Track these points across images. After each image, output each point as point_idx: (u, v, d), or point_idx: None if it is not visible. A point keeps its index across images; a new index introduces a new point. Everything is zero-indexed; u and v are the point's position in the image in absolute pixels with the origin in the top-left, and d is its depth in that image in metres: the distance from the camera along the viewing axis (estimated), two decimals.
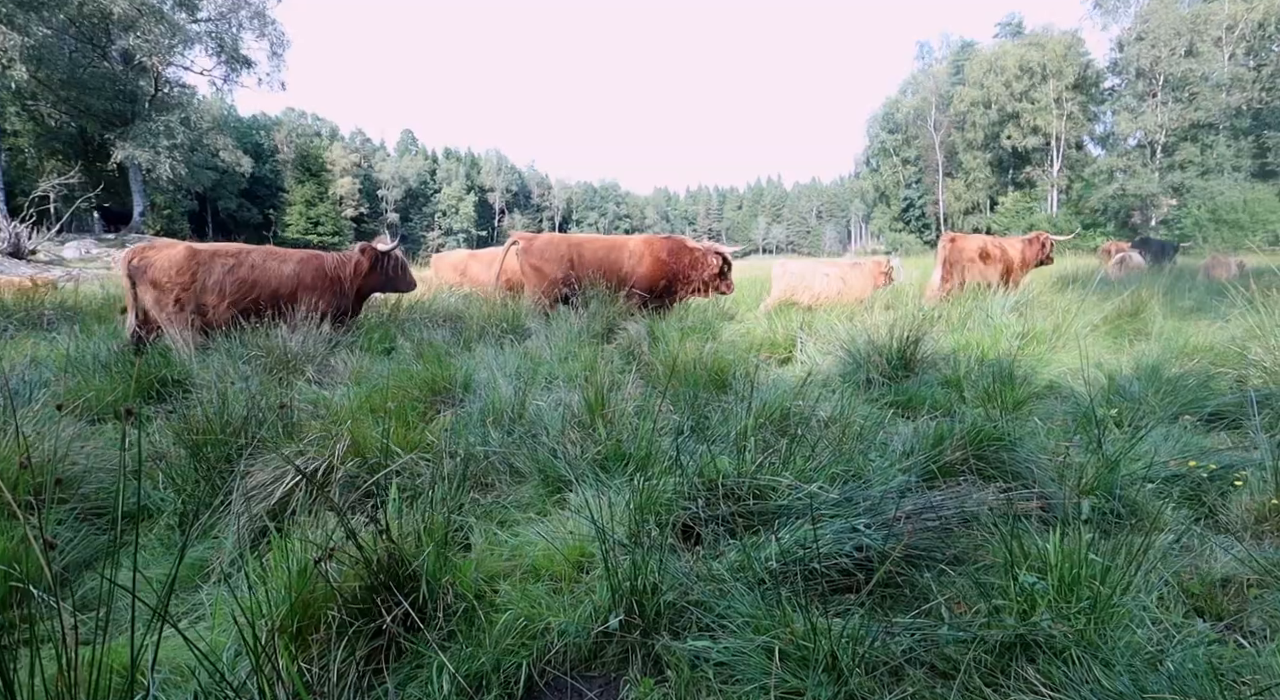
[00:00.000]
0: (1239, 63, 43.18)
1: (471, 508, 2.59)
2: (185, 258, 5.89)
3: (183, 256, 5.89)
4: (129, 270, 5.79)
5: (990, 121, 53.20)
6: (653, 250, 8.02)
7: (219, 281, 5.99)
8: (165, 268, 5.80)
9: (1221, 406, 3.92)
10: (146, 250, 5.88)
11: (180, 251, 5.93)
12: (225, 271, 6.04)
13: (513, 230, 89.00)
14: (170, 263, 5.83)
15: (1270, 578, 2.06)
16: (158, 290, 5.77)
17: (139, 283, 5.78)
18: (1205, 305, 7.98)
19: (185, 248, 6.00)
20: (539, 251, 7.91)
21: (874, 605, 2.05)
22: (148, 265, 5.79)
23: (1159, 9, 44.55)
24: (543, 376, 4.29)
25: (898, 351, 4.63)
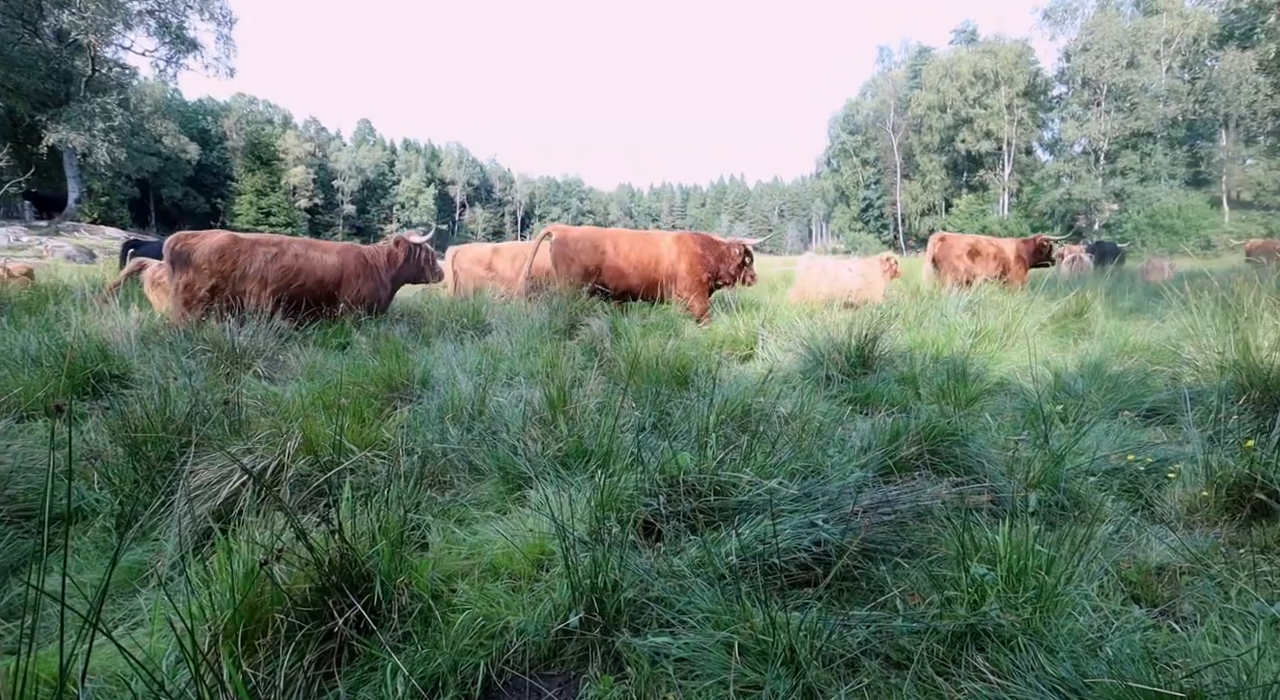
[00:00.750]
0: (1175, 75, 45.48)
1: (429, 506, 2.54)
2: (227, 245, 6.08)
3: (225, 243, 6.07)
4: (171, 256, 5.93)
5: (945, 125, 54.77)
6: (689, 246, 8.08)
7: (260, 270, 6.16)
8: (207, 253, 5.98)
9: (1158, 403, 4.11)
10: (189, 238, 6.05)
11: (222, 238, 6.10)
12: (267, 260, 6.22)
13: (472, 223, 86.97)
14: (212, 249, 6.01)
15: (1200, 565, 2.17)
16: (196, 274, 5.94)
17: (179, 269, 5.94)
18: (1143, 306, 8.37)
19: (227, 235, 6.15)
20: (573, 243, 7.80)
21: (832, 598, 2.08)
22: (190, 251, 5.97)
23: (1103, 21, 46.56)
24: (504, 373, 4.23)
25: (856, 349, 4.72)
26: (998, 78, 52.08)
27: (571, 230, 8.01)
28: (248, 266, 6.10)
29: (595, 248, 7.81)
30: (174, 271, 5.92)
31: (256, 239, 6.34)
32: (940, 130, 55.30)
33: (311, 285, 6.38)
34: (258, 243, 6.28)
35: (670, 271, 7.89)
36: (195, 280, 5.90)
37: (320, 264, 6.50)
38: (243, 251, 6.13)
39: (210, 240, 6.05)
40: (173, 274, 5.92)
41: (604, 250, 7.81)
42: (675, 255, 7.98)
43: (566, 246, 7.81)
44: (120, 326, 4.92)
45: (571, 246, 7.79)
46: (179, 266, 5.92)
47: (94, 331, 4.66)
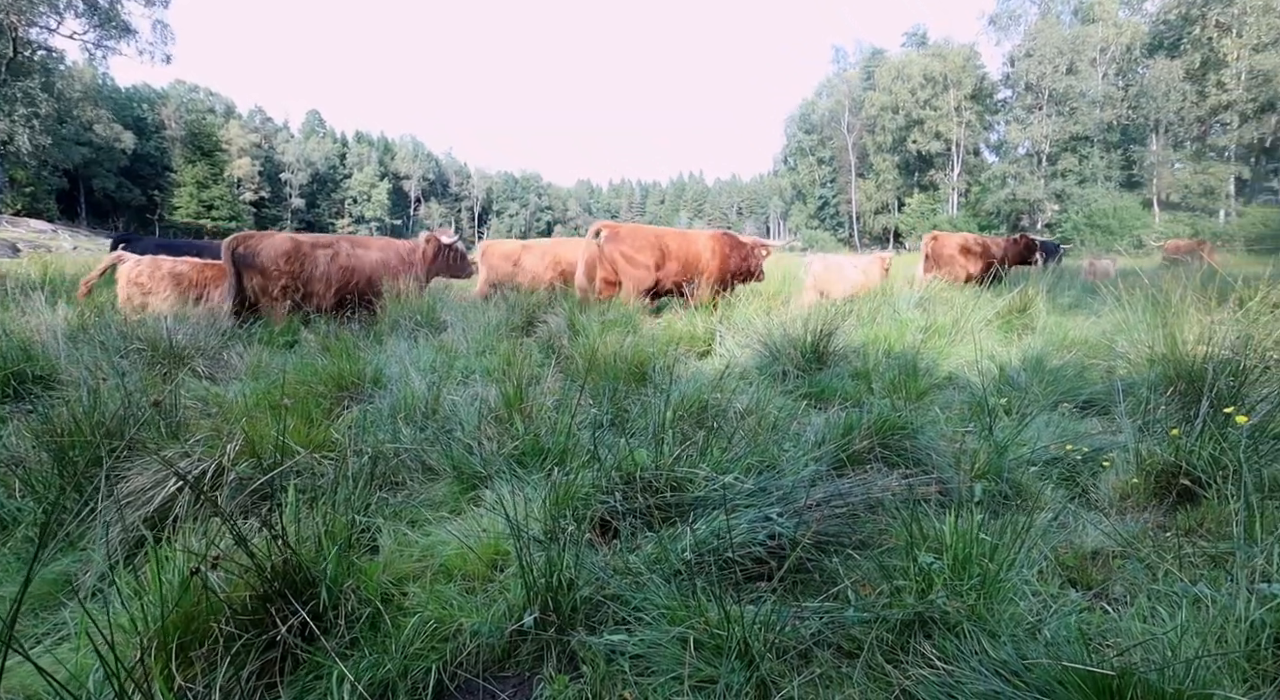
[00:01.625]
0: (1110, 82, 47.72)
1: (380, 508, 2.47)
2: (292, 248, 6.34)
3: (290, 246, 6.32)
4: (234, 257, 6.12)
5: (898, 126, 56.20)
6: (720, 245, 8.34)
7: (324, 271, 6.48)
8: (273, 256, 6.22)
9: (1094, 394, 4.30)
10: (249, 239, 6.25)
11: (286, 241, 6.35)
12: (328, 261, 6.54)
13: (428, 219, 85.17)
14: (278, 251, 6.25)
15: (1131, 549, 2.28)
16: (265, 277, 6.16)
17: (244, 269, 6.13)
18: (1082, 303, 8.75)
19: (290, 238, 6.40)
20: (628, 239, 7.75)
21: (786, 591, 2.11)
22: (255, 253, 6.18)
23: (1044, 28, 48.47)
24: (459, 371, 4.16)
25: (811, 345, 4.80)
26: (946, 81, 53.71)
27: (623, 226, 7.92)
28: (314, 268, 6.43)
29: (650, 244, 7.80)
30: (237, 271, 6.13)
31: (315, 240, 6.61)
32: (893, 130, 56.71)
33: (361, 282, 6.69)
34: (317, 244, 6.58)
35: (705, 269, 8.17)
36: (267, 282, 6.16)
37: (367, 262, 6.82)
38: (307, 253, 6.44)
39: (274, 242, 6.29)
40: (235, 274, 6.14)
41: (660, 248, 7.85)
42: (710, 253, 8.25)
43: (622, 242, 7.66)
44: (47, 324, 4.64)
45: (628, 242, 7.69)
46: (245, 267, 6.14)
47: (16, 329, 4.38)
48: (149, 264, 6.70)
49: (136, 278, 6.60)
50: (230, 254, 6.16)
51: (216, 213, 62.36)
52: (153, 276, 6.57)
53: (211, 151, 63.83)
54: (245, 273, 6.16)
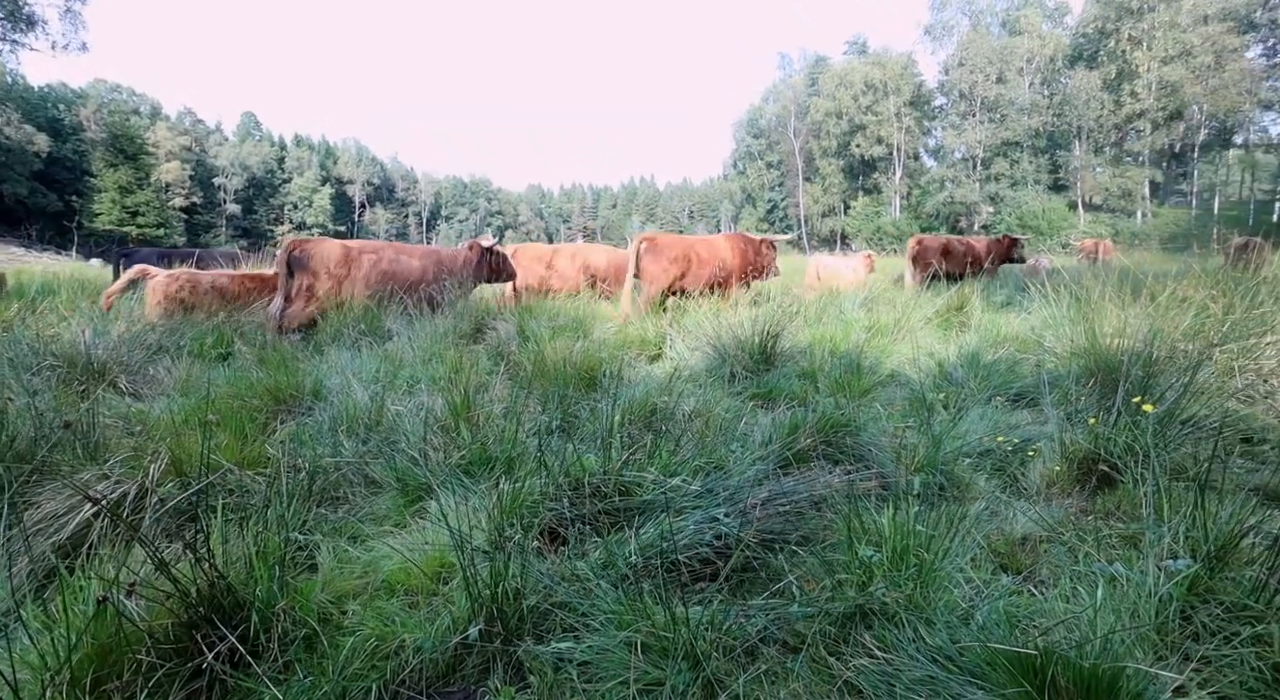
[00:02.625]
0: (1036, 90, 50.35)
1: (318, 525, 2.39)
2: (341, 253, 6.71)
3: (341, 252, 6.72)
4: (289, 259, 6.46)
5: (842, 131, 57.86)
6: (738, 245, 9.07)
7: (366, 274, 6.78)
8: (325, 260, 6.58)
9: (1024, 387, 4.51)
10: (305, 243, 6.64)
11: (338, 247, 6.76)
12: (371, 265, 6.83)
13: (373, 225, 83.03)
14: (330, 256, 6.63)
15: (1055, 534, 2.40)
16: (315, 278, 6.51)
17: (298, 271, 6.47)
18: (1014, 300, 9.18)
19: (339, 243, 6.80)
20: (665, 249, 8.43)
21: (732, 590, 2.14)
22: (309, 256, 6.53)
23: (975, 39, 50.81)
24: (404, 380, 4.06)
25: (759, 346, 4.88)
26: (886, 88, 55.65)
27: (662, 236, 8.61)
28: (357, 272, 6.73)
29: (684, 254, 8.50)
30: (292, 274, 6.49)
31: (361, 246, 6.95)
32: (837, 136, 58.36)
33: (402, 287, 6.95)
34: (363, 249, 6.91)
35: (728, 269, 8.87)
36: (315, 283, 6.50)
37: (409, 267, 7.11)
38: (353, 258, 6.76)
39: (325, 247, 6.68)
40: (290, 276, 6.49)
41: (689, 256, 8.55)
42: (730, 254, 8.92)
43: (661, 252, 8.38)
44: None
45: (665, 252, 8.39)
46: (298, 269, 6.49)
47: None
48: (188, 278, 6.73)
49: (177, 292, 6.62)
50: (287, 257, 6.53)
51: (142, 219, 58.81)
52: (195, 291, 6.68)
53: (136, 155, 60.15)
54: (297, 274, 6.52)
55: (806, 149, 62.73)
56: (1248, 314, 4.19)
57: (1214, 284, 4.65)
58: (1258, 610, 1.69)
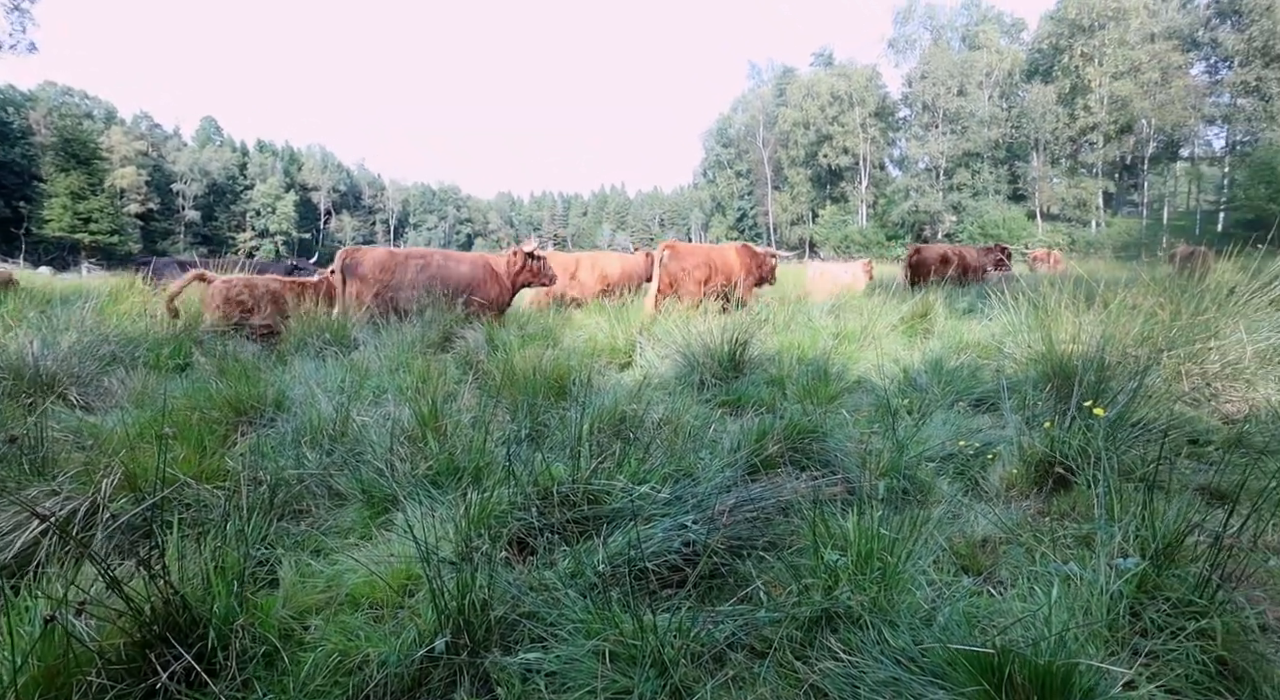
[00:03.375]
0: (995, 103, 51.99)
1: (280, 539, 2.33)
2: (387, 258, 7.13)
3: (385, 257, 7.13)
4: (341, 267, 6.94)
5: (809, 141, 58.90)
6: (744, 256, 9.91)
7: (414, 279, 7.16)
8: (371, 266, 7.00)
9: (985, 393, 4.63)
10: (355, 252, 7.13)
11: (384, 253, 7.20)
12: (417, 271, 7.21)
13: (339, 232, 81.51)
14: (375, 262, 7.05)
15: (1013, 535, 2.47)
16: (363, 283, 6.92)
17: (350, 278, 6.92)
18: (975, 307, 9.43)
19: (386, 251, 7.24)
20: (688, 256, 9.17)
21: (701, 597, 2.15)
22: (357, 263, 6.98)
23: (936, 53, 52.31)
24: (370, 390, 3.99)
25: (728, 354, 4.93)
26: (852, 99, 56.86)
27: (683, 245, 9.38)
28: (403, 277, 7.09)
29: (704, 261, 9.31)
30: (344, 280, 6.90)
31: (409, 253, 7.35)
32: (805, 145, 59.38)
33: (452, 291, 7.26)
34: (409, 256, 7.28)
35: (738, 276, 9.74)
36: (363, 288, 6.92)
37: (456, 273, 7.47)
38: (399, 264, 7.14)
39: (373, 255, 7.09)
40: (343, 281, 6.93)
41: (709, 263, 9.36)
42: (738, 263, 9.78)
43: (683, 259, 9.10)
44: None
45: (688, 259, 9.14)
46: (350, 276, 6.89)
47: None
48: (245, 283, 7.04)
49: (236, 296, 6.89)
50: (341, 264, 7.00)
51: (96, 226, 56.53)
52: (252, 295, 6.95)
53: (89, 160, 57.71)
54: (349, 281, 6.92)
55: (775, 158, 63.67)
56: (1193, 320, 4.37)
57: (1161, 291, 4.85)
58: (1202, 606, 1.77)
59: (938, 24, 54.58)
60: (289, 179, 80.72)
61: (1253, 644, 1.72)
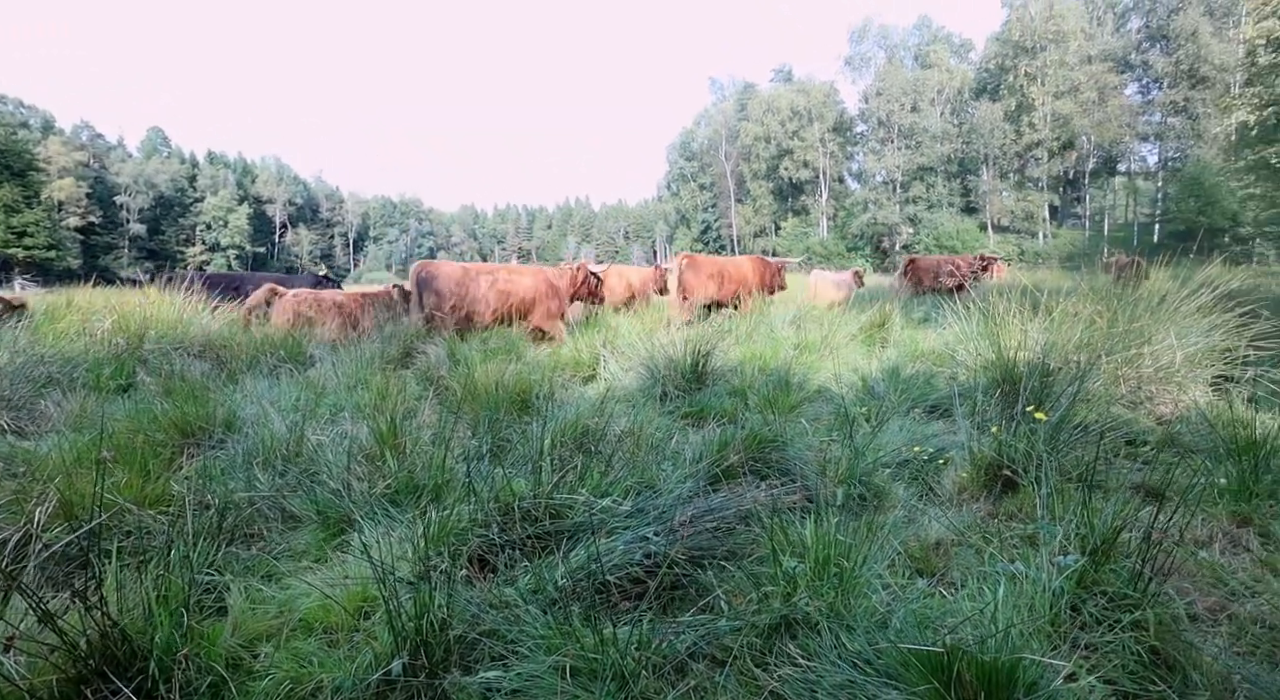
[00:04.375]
0: (947, 120, 53.91)
1: (229, 564, 2.26)
2: (460, 273, 7.52)
3: (460, 273, 7.52)
4: (417, 280, 7.31)
5: (770, 155, 60.01)
6: (758, 267, 10.96)
7: (485, 293, 7.54)
8: (446, 280, 7.38)
9: (939, 399, 4.77)
10: (430, 266, 7.47)
11: (457, 268, 7.56)
12: (488, 286, 7.58)
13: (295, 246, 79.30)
14: (450, 277, 7.43)
15: (964, 537, 2.55)
16: (439, 297, 7.28)
17: (425, 291, 7.30)
18: (931, 317, 9.71)
19: (459, 266, 7.60)
20: (703, 267, 9.95)
21: (663, 608, 2.16)
22: (433, 277, 7.35)
23: (891, 71, 54.05)
24: (327, 408, 3.91)
25: (691, 366, 4.98)
26: (811, 114, 58.24)
27: (699, 257, 10.07)
28: (476, 291, 7.49)
29: (717, 271, 10.02)
30: (420, 293, 7.30)
31: (478, 268, 7.78)
32: (766, 159, 60.47)
33: (517, 304, 7.73)
34: (480, 271, 7.70)
35: (751, 286, 10.58)
36: (440, 301, 7.30)
37: (520, 286, 7.86)
38: (471, 278, 7.54)
39: (447, 269, 7.47)
40: (420, 295, 7.31)
41: (720, 272, 10.08)
42: (752, 273, 10.68)
43: (699, 269, 9.85)
44: None
45: (704, 269, 9.89)
46: (424, 289, 7.29)
47: None
48: (310, 297, 7.57)
49: (304, 309, 7.39)
50: (416, 278, 7.35)
51: (31, 240, 53.57)
52: (318, 308, 7.43)
53: (23, 171, 54.58)
54: (424, 294, 7.29)
55: (738, 171, 64.65)
56: (1128, 327, 4.60)
57: (1100, 300, 5.09)
58: (1135, 598, 1.85)
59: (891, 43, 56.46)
60: (242, 191, 78.44)
61: (1183, 633, 1.81)
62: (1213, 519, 2.57)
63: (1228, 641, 1.87)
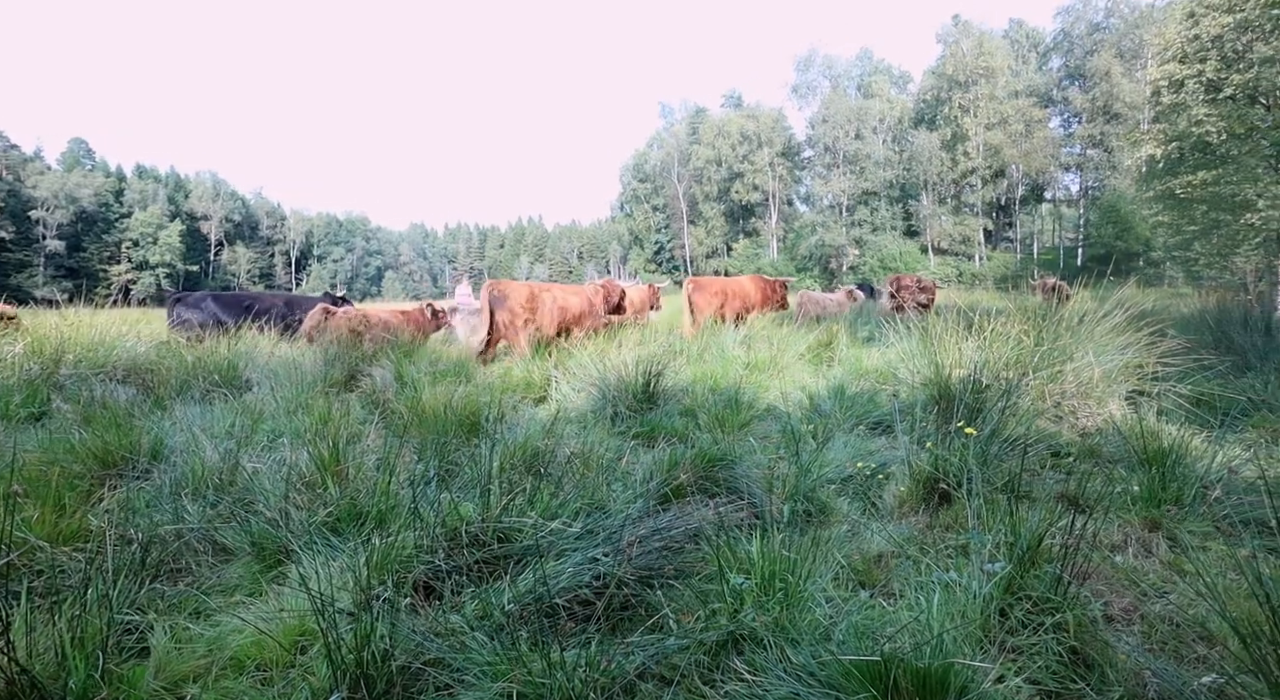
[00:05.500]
0: (889, 147, 56.40)
1: (153, 602, 2.14)
2: (530, 292, 8.19)
3: (528, 292, 8.18)
4: (490, 299, 7.96)
5: (722, 177, 61.48)
6: (760, 284, 11.95)
7: (549, 309, 8.27)
8: (518, 299, 8.01)
9: (882, 416, 4.93)
10: (500, 285, 8.10)
11: (526, 288, 8.22)
12: (551, 302, 8.31)
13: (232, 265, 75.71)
14: (521, 295, 8.07)
15: (904, 549, 2.64)
16: (511, 315, 7.92)
17: (498, 309, 7.93)
18: (875, 336, 10.05)
19: (527, 286, 8.26)
20: (708, 288, 11.13)
21: (611, 628, 2.15)
22: (505, 296, 7.98)
23: (835, 100, 56.35)
24: (264, 434, 3.76)
25: (642, 386, 5.01)
26: (760, 139, 60.06)
27: (703, 279, 11.20)
28: (541, 308, 8.20)
29: (721, 291, 11.19)
30: (494, 309, 7.96)
31: (541, 287, 8.51)
32: (717, 182, 61.91)
33: (570, 320, 8.51)
34: (542, 290, 8.43)
35: (754, 301, 11.52)
36: (514, 318, 7.94)
37: (572, 304, 8.66)
38: (537, 297, 8.25)
39: (516, 288, 8.13)
40: (490, 312, 7.96)
41: (725, 292, 11.24)
42: (755, 291, 11.64)
43: (705, 291, 11.00)
44: None
45: (710, 291, 11.05)
46: (497, 307, 7.96)
47: None
48: (359, 314, 8.31)
49: (355, 326, 7.97)
50: (488, 296, 7.97)
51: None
52: (366, 324, 8.06)
53: None
54: (497, 311, 7.95)
55: (690, 193, 65.86)
56: (1052, 345, 4.88)
57: (1027, 319, 5.38)
58: (1057, 602, 1.96)
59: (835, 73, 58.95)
60: (174, 207, 75.04)
61: (1099, 633, 1.92)
62: (1126, 524, 2.74)
63: (1140, 640, 1.99)
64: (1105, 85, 46.07)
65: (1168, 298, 13.49)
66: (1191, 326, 7.18)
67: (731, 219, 65.26)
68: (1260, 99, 16.85)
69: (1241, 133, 16.25)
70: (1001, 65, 49.51)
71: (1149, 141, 19.63)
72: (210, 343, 6.70)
